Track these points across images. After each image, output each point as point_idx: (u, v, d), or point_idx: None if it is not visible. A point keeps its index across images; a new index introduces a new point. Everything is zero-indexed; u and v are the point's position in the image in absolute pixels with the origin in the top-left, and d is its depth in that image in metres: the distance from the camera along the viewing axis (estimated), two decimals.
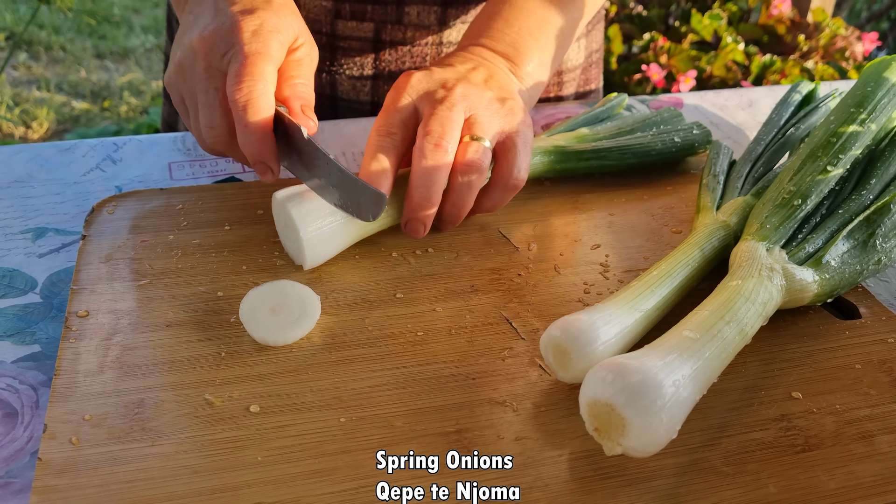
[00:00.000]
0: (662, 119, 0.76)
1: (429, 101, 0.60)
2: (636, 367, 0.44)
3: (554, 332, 0.49)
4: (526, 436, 0.48)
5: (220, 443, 0.46)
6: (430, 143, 0.58)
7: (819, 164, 0.62)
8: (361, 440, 0.47)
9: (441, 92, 0.60)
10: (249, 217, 0.65)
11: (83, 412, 0.48)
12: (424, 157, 0.58)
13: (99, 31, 3.42)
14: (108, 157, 0.74)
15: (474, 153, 0.59)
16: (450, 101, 0.60)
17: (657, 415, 0.43)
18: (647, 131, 0.75)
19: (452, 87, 0.61)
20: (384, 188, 0.58)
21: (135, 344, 0.53)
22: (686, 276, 0.57)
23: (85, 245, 0.61)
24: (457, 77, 0.62)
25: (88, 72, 3.17)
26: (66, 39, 3.35)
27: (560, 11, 0.70)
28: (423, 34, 0.82)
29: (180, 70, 0.61)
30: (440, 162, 0.58)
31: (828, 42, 2.00)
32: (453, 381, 0.51)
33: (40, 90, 3.01)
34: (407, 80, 0.61)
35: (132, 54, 3.31)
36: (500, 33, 0.67)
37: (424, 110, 0.60)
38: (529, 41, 0.68)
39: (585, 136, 0.73)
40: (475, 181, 0.60)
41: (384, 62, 0.83)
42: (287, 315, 0.54)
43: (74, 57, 3.27)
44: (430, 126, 0.58)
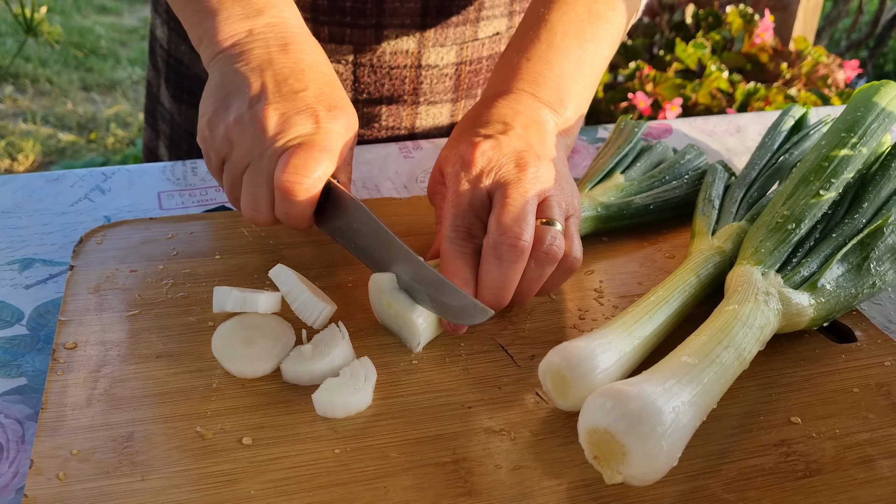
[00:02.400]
0: (688, 161, 0.75)
1: (502, 188, 0.56)
2: (635, 394, 0.44)
3: (553, 359, 0.49)
4: (524, 465, 0.47)
5: (212, 476, 0.45)
6: (506, 242, 0.53)
7: (812, 188, 0.63)
8: (356, 472, 0.46)
9: (514, 172, 0.56)
10: (240, 246, 0.65)
11: (70, 446, 0.46)
12: (500, 260, 0.53)
13: (86, 63, 3.43)
14: (97, 188, 0.74)
15: (552, 241, 0.55)
16: (524, 186, 0.56)
17: (657, 442, 0.43)
18: (679, 177, 0.74)
19: (524, 166, 0.56)
20: None
21: (124, 376, 0.52)
22: (682, 301, 0.56)
23: (73, 275, 0.60)
24: (522, 147, 0.58)
25: (75, 104, 3.17)
26: (53, 72, 3.35)
27: (594, 51, 0.66)
28: (402, 57, 0.83)
29: (230, 137, 0.57)
30: (519, 265, 0.54)
31: (810, 70, 2.03)
32: (449, 410, 0.51)
33: (26, 122, 3.00)
34: (473, 156, 0.57)
35: (119, 86, 3.31)
36: (542, 77, 0.63)
37: (497, 197, 0.56)
38: (570, 86, 0.64)
39: (624, 188, 0.71)
40: (548, 271, 0.56)
41: (363, 85, 0.83)
42: (262, 345, 0.53)
43: (61, 89, 3.27)
44: (506, 221, 0.54)
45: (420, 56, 0.83)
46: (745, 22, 2.08)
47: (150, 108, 0.97)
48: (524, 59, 0.64)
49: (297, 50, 0.60)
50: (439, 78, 0.85)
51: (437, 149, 0.84)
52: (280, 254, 0.64)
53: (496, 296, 0.55)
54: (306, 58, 0.60)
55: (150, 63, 0.94)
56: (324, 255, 0.64)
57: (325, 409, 0.49)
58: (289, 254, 0.64)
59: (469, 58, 0.86)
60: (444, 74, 0.85)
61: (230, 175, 0.59)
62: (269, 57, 0.58)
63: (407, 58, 0.82)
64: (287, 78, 0.57)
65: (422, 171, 0.80)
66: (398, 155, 0.82)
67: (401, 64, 0.83)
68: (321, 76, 0.59)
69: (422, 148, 0.84)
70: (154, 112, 0.96)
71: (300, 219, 0.57)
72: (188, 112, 0.89)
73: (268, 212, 0.58)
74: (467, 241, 0.56)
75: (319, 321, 0.55)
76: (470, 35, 0.85)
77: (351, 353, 0.54)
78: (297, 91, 0.57)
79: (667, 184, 0.73)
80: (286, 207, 0.56)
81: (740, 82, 2.00)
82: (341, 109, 0.58)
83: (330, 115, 0.57)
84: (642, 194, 0.71)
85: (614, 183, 0.71)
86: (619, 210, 0.68)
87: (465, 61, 0.86)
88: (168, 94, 0.90)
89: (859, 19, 3.30)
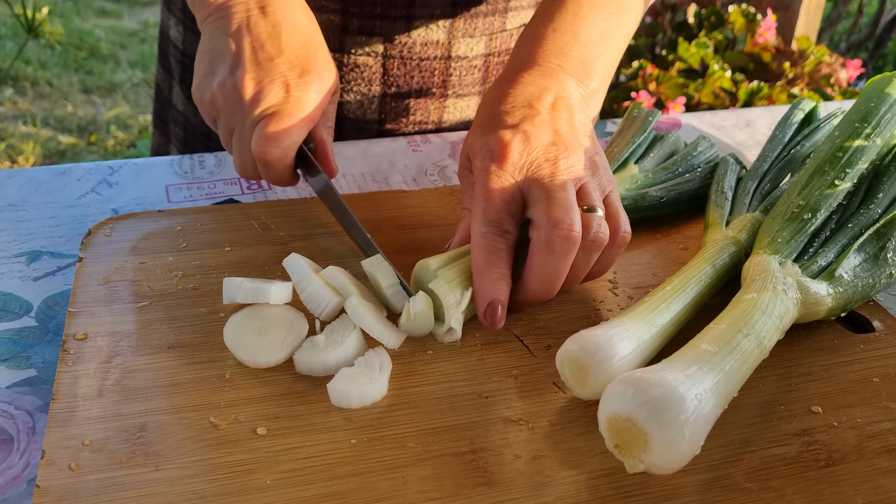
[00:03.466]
0: (700, 153, 0.75)
1: (538, 184, 0.55)
2: (657, 381, 0.43)
3: (571, 348, 0.48)
4: (543, 454, 0.46)
5: (227, 466, 0.45)
6: (559, 234, 0.53)
7: (826, 179, 0.62)
8: (373, 462, 0.45)
9: (547, 168, 0.56)
10: (250, 238, 0.64)
11: (83, 437, 0.46)
12: (553, 252, 0.53)
13: (86, 66, 3.42)
14: (104, 181, 0.73)
15: (597, 228, 0.55)
16: (561, 178, 0.55)
17: (680, 429, 0.42)
18: (692, 169, 0.73)
19: (555, 160, 0.56)
20: (499, 294, 0.54)
21: (135, 367, 0.51)
22: (699, 291, 0.56)
23: (82, 267, 0.59)
24: (550, 139, 0.57)
25: (75, 106, 3.16)
26: (53, 75, 3.34)
27: (619, 24, 0.66)
28: (432, 49, 0.82)
29: (215, 102, 0.62)
30: (571, 256, 0.54)
31: (813, 69, 2.02)
32: (466, 400, 0.50)
33: (26, 125, 3.00)
34: (504, 154, 0.56)
35: (119, 89, 3.31)
36: (568, 48, 0.63)
37: (535, 193, 0.55)
38: (596, 57, 0.63)
39: (638, 180, 0.70)
40: (594, 258, 0.56)
41: (392, 77, 0.83)
42: (274, 335, 0.52)
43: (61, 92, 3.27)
44: (556, 214, 0.53)
45: (450, 47, 0.82)
46: (748, 21, 2.07)
47: (159, 111, 0.96)
48: (550, 30, 0.63)
49: (276, 10, 0.62)
50: (468, 70, 0.85)
51: (445, 143, 0.83)
52: (290, 245, 0.63)
53: (547, 288, 0.55)
54: (285, 17, 0.62)
55: (161, 66, 0.93)
56: (334, 248, 0.64)
57: (341, 398, 0.49)
58: (299, 245, 0.63)
59: (498, 49, 0.85)
60: (473, 66, 0.85)
61: (222, 135, 0.64)
62: (248, 20, 0.62)
63: (437, 49, 0.82)
64: (264, 44, 0.61)
65: (431, 165, 0.79)
66: (407, 148, 0.82)
67: (431, 55, 0.82)
68: (298, 37, 0.62)
69: (430, 142, 0.83)
70: (164, 115, 0.95)
71: (280, 181, 0.63)
72: None
73: (254, 172, 0.64)
74: (499, 237, 0.55)
75: (326, 312, 0.54)
76: (499, 26, 0.84)
77: (364, 343, 0.53)
78: (272, 58, 0.61)
79: (680, 176, 0.72)
80: (264, 171, 0.62)
81: (743, 82, 1.99)
82: (314, 73, 0.61)
83: (301, 81, 0.60)
84: (656, 186, 0.70)
85: (629, 174, 0.70)
86: (634, 202, 0.67)
87: (493, 52, 0.85)
88: (182, 94, 0.90)
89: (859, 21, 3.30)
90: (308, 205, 0.69)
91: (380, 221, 0.67)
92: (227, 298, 0.54)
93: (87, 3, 4.02)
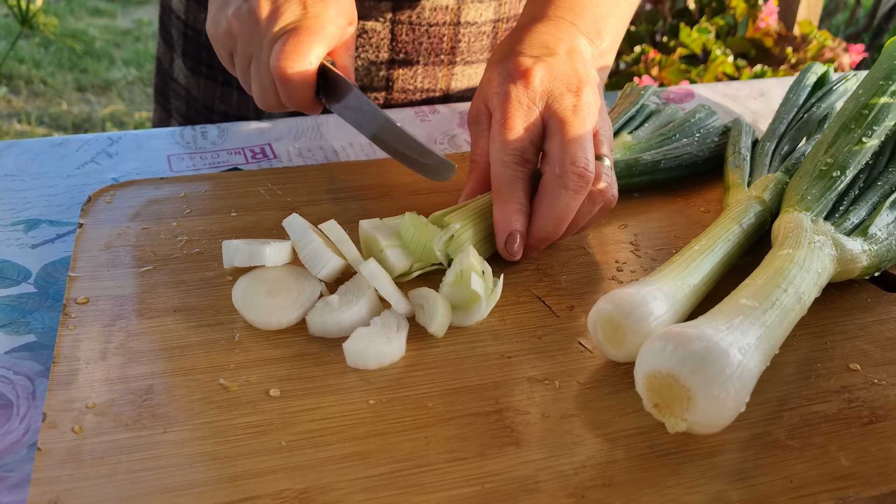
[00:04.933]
0: (699, 120, 0.73)
1: (558, 116, 0.54)
2: (697, 335, 0.41)
3: (605, 307, 0.46)
4: (572, 413, 0.44)
5: (239, 428, 0.42)
6: (575, 171, 0.52)
7: (854, 136, 0.60)
8: (394, 422, 0.43)
9: (570, 99, 0.54)
10: (256, 203, 0.62)
11: (86, 399, 0.43)
12: (566, 189, 0.52)
13: (80, 64, 3.39)
14: (103, 151, 0.71)
15: (606, 178, 0.54)
16: (581, 115, 0.54)
17: (725, 384, 0.39)
18: (689, 135, 0.71)
19: (578, 91, 0.55)
20: (519, 225, 0.53)
21: (140, 330, 0.48)
22: (727, 250, 0.53)
23: (82, 233, 0.57)
24: (570, 72, 0.56)
25: (70, 104, 3.13)
26: (47, 73, 3.31)
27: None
28: (441, 14, 0.80)
29: (231, 31, 0.60)
30: (582, 195, 0.53)
31: (816, 53, 2.01)
32: (488, 360, 0.47)
33: (20, 123, 2.96)
34: (527, 78, 0.55)
35: (114, 86, 3.28)
36: (580, 6, 0.61)
37: (554, 125, 0.54)
38: (607, 18, 0.62)
39: (631, 146, 0.68)
40: (597, 208, 0.55)
41: (401, 44, 0.80)
42: (286, 295, 0.50)
43: (55, 90, 3.24)
44: (574, 150, 0.52)
45: (459, 13, 0.80)
46: (750, 7, 2.05)
47: (160, 87, 0.94)
48: None
49: None
50: (477, 36, 0.83)
51: (454, 113, 0.81)
52: (299, 210, 0.61)
53: (556, 226, 0.53)
54: None
55: (162, 39, 0.91)
56: (344, 212, 0.61)
57: (357, 359, 0.46)
58: (308, 210, 0.61)
59: (507, 14, 0.83)
60: (482, 32, 0.83)
61: (240, 67, 0.61)
62: None
63: (446, 14, 0.79)
64: None
65: (440, 134, 0.77)
66: (415, 119, 0.79)
67: (440, 21, 0.80)
68: None
69: (438, 112, 0.81)
70: (165, 90, 0.92)
71: (301, 101, 0.60)
72: (206, 85, 0.86)
73: (275, 98, 0.61)
74: (521, 166, 0.54)
75: (325, 272, 0.51)
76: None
77: (379, 304, 0.51)
78: None
79: (677, 141, 0.70)
80: (285, 92, 0.59)
81: (745, 67, 1.98)
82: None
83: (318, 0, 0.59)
84: (651, 151, 0.68)
85: (621, 142, 0.68)
86: (627, 167, 0.65)
87: (502, 18, 0.83)
88: (185, 67, 0.87)
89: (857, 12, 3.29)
90: (317, 171, 0.66)
91: (390, 187, 0.65)
92: (226, 262, 0.52)
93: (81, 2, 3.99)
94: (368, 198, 0.63)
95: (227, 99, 0.85)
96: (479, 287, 0.48)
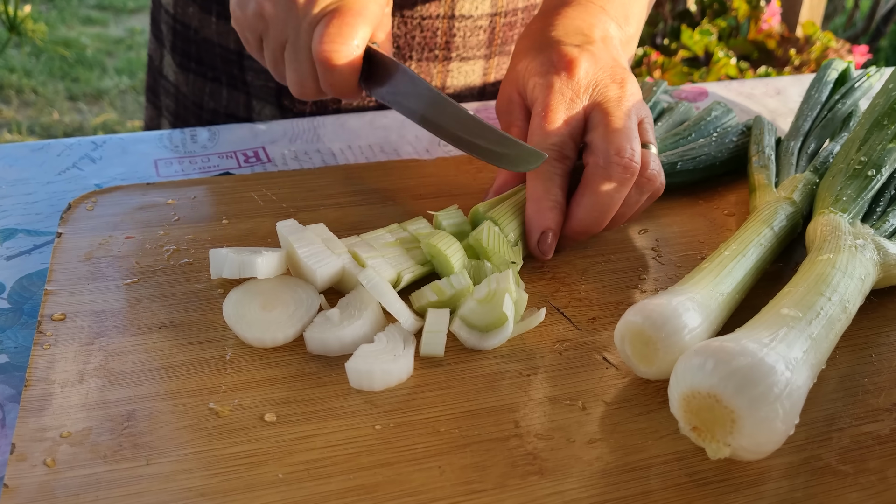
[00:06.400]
0: (715, 118, 0.68)
1: (602, 107, 0.51)
2: (739, 350, 0.37)
3: (634, 319, 0.41)
4: (600, 438, 0.40)
5: (231, 458, 0.38)
6: (620, 162, 0.49)
7: (887, 133, 0.56)
8: (403, 450, 0.39)
9: (615, 90, 0.52)
10: (250, 210, 0.57)
11: (60, 428, 0.39)
12: (611, 181, 0.50)
13: (71, 73, 3.35)
14: (87, 156, 0.66)
15: (654, 166, 0.52)
16: (627, 105, 0.52)
17: (773, 405, 0.35)
18: (706, 135, 0.67)
19: (623, 83, 0.52)
20: (553, 223, 0.51)
21: (122, 348, 0.44)
22: (759, 255, 0.49)
23: (61, 243, 0.53)
24: (612, 62, 0.53)
25: (61, 114, 3.09)
26: (38, 82, 3.27)
27: None
28: (435, 6, 0.76)
29: (262, 13, 0.55)
30: (627, 187, 0.50)
31: (819, 55, 1.97)
32: (504, 378, 0.43)
33: (11, 133, 2.92)
34: (573, 70, 0.52)
35: (106, 95, 3.23)
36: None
37: (597, 116, 0.51)
38: (633, 4, 0.60)
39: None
40: (645, 198, 0.53)
41: (394, 37, 0.76)
42: (282, 310, 0.46)
43: (46, 99, 3.19)
44: (618, 141, 0.50)
45: (453, 5, 0.76)
46: (752, 8, 2.02)
47: (151, 84, 0.90)
48: None
49: None
50: (473, 30, 0.78)
51: None
52: (295, 217, 0.56)
53: (597, 219, 0.51)
54: None
55: (153, 35, 0.87)
56: (344, 219, 0.57)
57: (362, 379, 0.42)
58: (305, 216, 0.57)
59: (504, 8, 0.79)
60: (478, 27, 0.79)
61: (271, 53, 0.56)
62: None
63: (440, 7, 0.75)
64: None
65: None
66: None
67: (433, 14, 0.76)
68: None
69: None
70: (156, 88, 0.88)
71: (345, 88, 0.55)
72: (195, 82, 0.81)
73: (314, 85, 0.56)
74: (559, 162, 0.51)
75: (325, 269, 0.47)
76: None
77: (383, 317, 0.46)
78: None
79: (693, 142, 0.66)
80: (329, 78, 0.54)
81: (748, 69, 1.94)
82: None
83: None
84: (666, 152, 0.63)
85: None
86: None
87: (500, 12, 0.79)
88: (174, 63, 0.83)
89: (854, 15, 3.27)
90: (314, 176, 0.62)
91: (393, 191, 0.61)
92: (214, 273, 0.48)
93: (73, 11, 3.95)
94: (369, 203, 0.59)
95: (216, 96, 0.81)
96: (509, 311, 0.44)
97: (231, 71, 0.79)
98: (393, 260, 0.49)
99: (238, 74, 0.79)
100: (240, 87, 0.80)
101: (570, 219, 0.51)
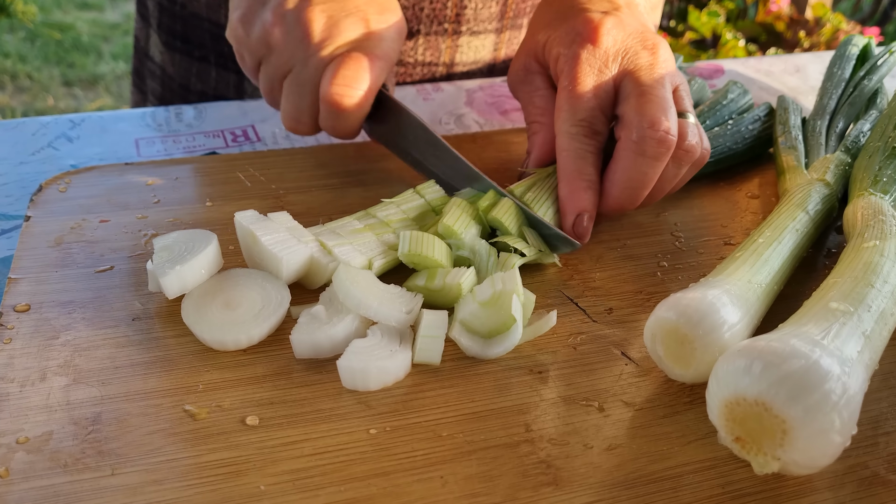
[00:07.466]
0: (731, 101, 0.63)
1: (633, 76, 0.48)
2: (790, 351, 0.32)
3: (667, 315, 0.37)
4: (621, 443, 0.36)
5: (208, 468, 0.34)
6: (654, 136, 0.46)
7: None
8: (401, 458, 0.35)
9: (646, 57, 0.48)
10: (237, 191, 0.53)
11: (16, 433, 0.35)
12: (645, 156, 0.46)
13: (67, 58, 3.30)
14: (63, 135, 0.62)
15: (693, 137, 0.48)
16: (660, 72, 0.48)
17: (830, 414, 0.31)
18: (721, 122, 0.61)
19: (654, 48, 0.48)
20: (589, 204, 0.47)
21: (90, 343, 0.40)
22: (796, 242, 0.45)
23: (28, 227, 0.48)
24: (641, 27, 0.50)
25: (56, 99, 3.04)
26: (33, 68, 3.22)
27: None
28: None
29: (268, 41, 0.50)
30: (663, 162, 0.47)
31: (830, 37, 1.92)
32: (513, 376, 0.39)
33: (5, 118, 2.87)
34: (598, 35, 0.48)
35: (102, 81, 3.18)
36: None
37: (629, 86, 0.48)
38: None
39: None
40: (684, 170, 0.49)
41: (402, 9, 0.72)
42: (247, 308, 0.41)
43: (41, 85, 3.14)
44: (652, 113, 0.46)
45: None
46: None
47: (137, 66, 0.85)
48: None
49: None
50: (485, 2, 0.74)
51: (460, 91, 0.72)
52: (284, 199, 0.52)
53: (632, 196, 0.47)
54: None
55: (138, 14, 0.82)
56: (337, 200, 0.53)
57: (355, 378, 0.38)
58: (295, 199, 0.52)
59: None
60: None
61: (268, 79, 0.52)
62: None
63: None
64: None
65: (445, 113, 0.68)
66: (416, 97, 0.71)
67: None
68: None
69: (442, 90, 0.72)
70: (141, 70, 0.84)
71: (347, 131, 0.52)
72: (182, 62, 0.77)
73: (310, 122, 0.52)
74: (590, 139, 0.48)
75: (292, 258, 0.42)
76: None
77: None
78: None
79: (708, 130, 0.60)
80: (333, 120, 0.51)
81: (756, 52, 1.89)
82: (392, 12, 0.52)
83: (381, 18, 0.51)
84: None
85: None
86: None
87: None
88: (159, 42, 0.79)
89: None
90: (305, 155, 0.58)
91: (389, 171, 0.56)
92: (152, 286, 0.43)
93: None
94: (364, 184, 0.55)
95: (204, 76, 0.76)
96: (518, 313, 0.40)
97: (221, 49, 0.75)
98: (362, 247, 0.45)
99: (228, 52, 0.75)
100: (230, 67, 0.75)
101: (605, 197, 0.48)
